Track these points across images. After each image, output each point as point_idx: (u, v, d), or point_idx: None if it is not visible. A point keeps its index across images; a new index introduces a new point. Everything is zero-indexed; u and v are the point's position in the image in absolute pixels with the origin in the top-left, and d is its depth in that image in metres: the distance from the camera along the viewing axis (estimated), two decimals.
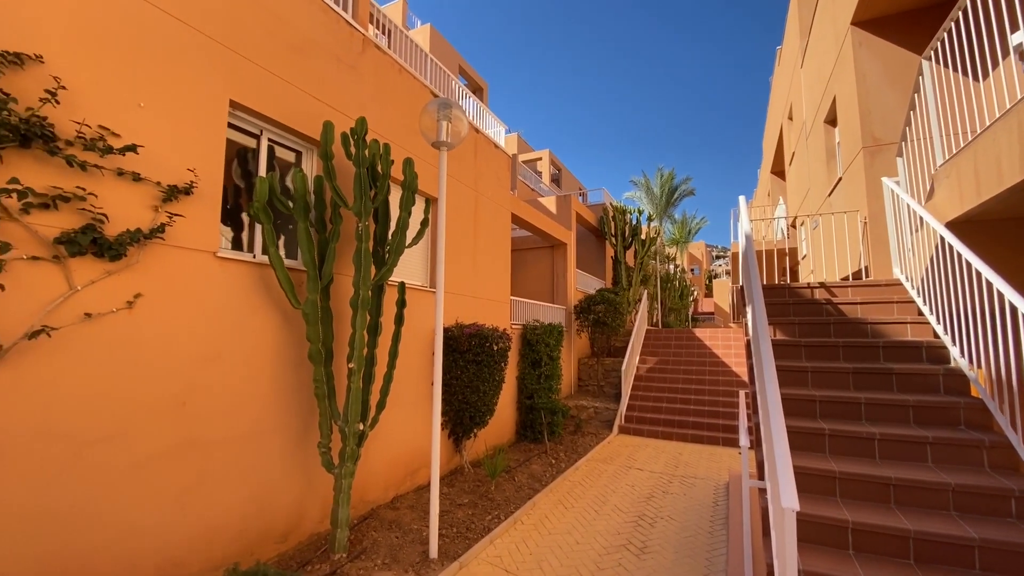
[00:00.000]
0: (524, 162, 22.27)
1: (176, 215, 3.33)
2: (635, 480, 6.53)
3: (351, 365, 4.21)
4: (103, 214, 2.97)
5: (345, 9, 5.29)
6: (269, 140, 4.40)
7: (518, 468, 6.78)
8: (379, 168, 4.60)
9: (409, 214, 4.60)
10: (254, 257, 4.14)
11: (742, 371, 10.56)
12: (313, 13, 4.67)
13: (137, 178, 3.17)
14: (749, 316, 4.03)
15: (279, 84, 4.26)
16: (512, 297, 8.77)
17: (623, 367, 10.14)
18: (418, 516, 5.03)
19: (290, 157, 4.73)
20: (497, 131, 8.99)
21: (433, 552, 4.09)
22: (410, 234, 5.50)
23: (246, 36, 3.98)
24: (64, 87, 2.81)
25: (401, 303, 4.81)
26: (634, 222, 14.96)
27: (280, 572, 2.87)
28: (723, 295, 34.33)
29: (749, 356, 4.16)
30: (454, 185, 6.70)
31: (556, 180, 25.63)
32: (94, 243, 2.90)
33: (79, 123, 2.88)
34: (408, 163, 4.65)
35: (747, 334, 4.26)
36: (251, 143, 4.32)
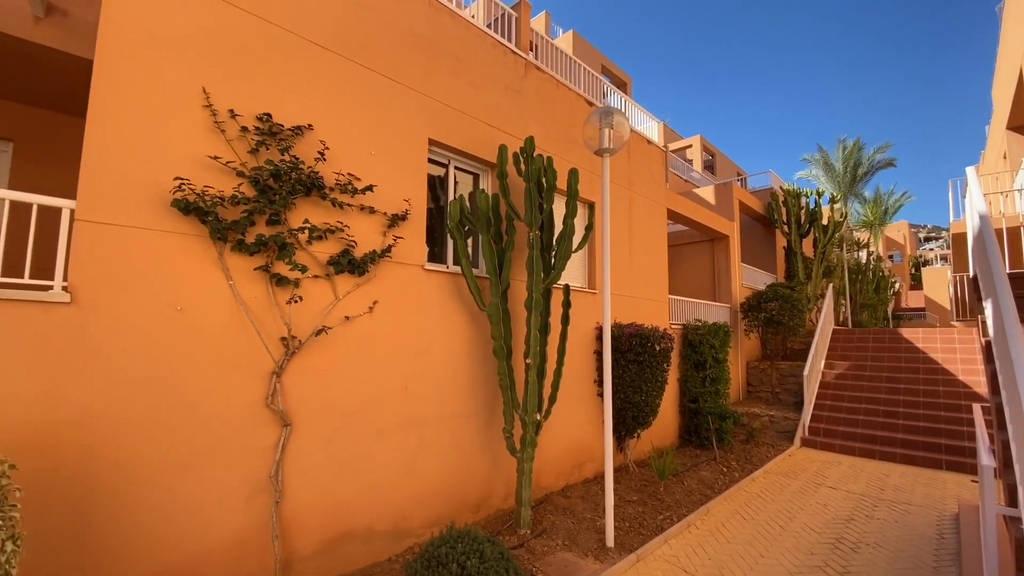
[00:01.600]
0: (673, 151, 21.16)
1: (399, 237, 4.17)
2: (827, 499, 5.81)
3: (528, 361, 4.67)
4: (354, 241, 3.89)
5: (509, 40, 5.86)
6: (455, 167, 5.15)
7: (686, 472, 6.60)
8: (543, 181, 5.01)
9: (574, 221, 4.90)
10: (447, 268, 4.89)
11: (972, 380, 8.49)
12: (487, 50, 5.30)
13: (372, 211, 4.06)
14: (989, 313, 3.33)
15: (463, 118, 4.96)
16: (670, 296, 8.52)
17: (805, 372, 9.00)
18: (589, 507, 5.30)
19: (468, 179, 5.45)
20: (649, 126, 8.83)
21: (610, 541, 4.30)
22: (574, 239, 5.82)
23: (438, 83, 4.74)
24: (327, 147, 3.76)
25: (567, 304, 5.14)
26: (811, 205, 13.10)
27: (487, 536, 3.39)
28: (937, 286, 27.45)
29: (988, 361, 3.44)
30: (609, 187, 6.84)
31: (710, 167, 23.75)
32: (349, 263, 3.81)
33: (338, 173, 3.83)
34: (573, 174, 4.96)
35: (984, 335, 3.52)
36: (440, 171, 5.11)
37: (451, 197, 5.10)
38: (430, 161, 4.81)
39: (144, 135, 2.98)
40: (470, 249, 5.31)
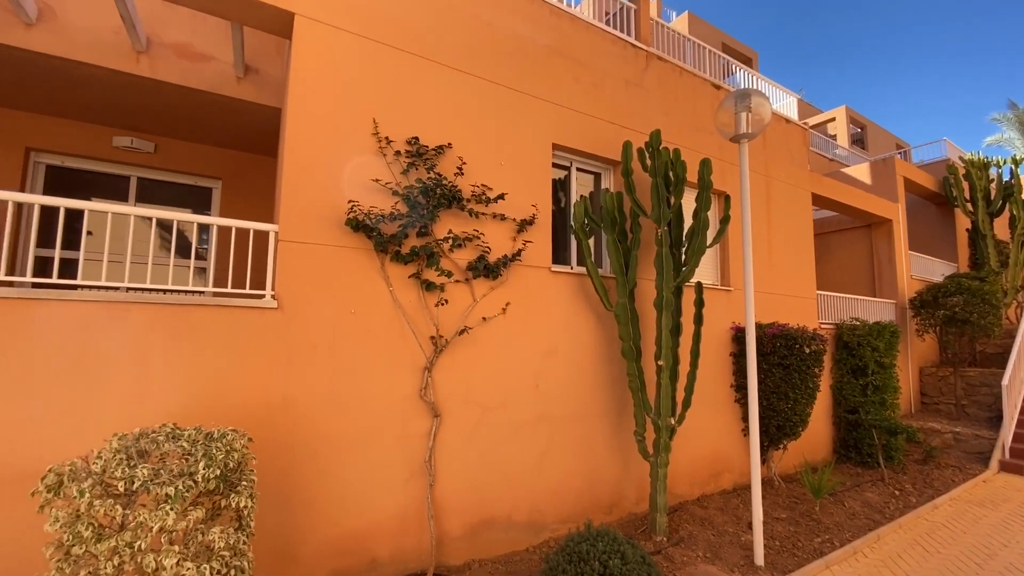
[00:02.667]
0: (811, 127, 18.69)
1: (528, 241, 4.35)
2: None
3: (660, 363, 4.52)
4: (488, 247, 4.15)
5: (628, 33, 5.73)
6: (576, 168, 5.19)
7: (846, 492, 5.81)
8: (671, 174, 4.80)
9: (707, 214, 4.62)
10: (571, 269, 4.95)
11: None
12: (606, 48, 5.26)
13: (503, 218, 4.29)
14: None
15: (584, 119, 4.98)
16: (818, 292, 7.55)
17: (1004, 382, 7.33)
18: (730, 520, 4.95)
19: (588, 179, 5.46)
20: (787, 102, 7.94)
21: (759, 559, 3.97)
22: (707, 234, 5.49)
23: (559, 87, 4.83)
24: (464, 162, 4.06)
25: (699, 303, 4.86)
26: (1006, 176, 10.61)
27: (627, 539, 3.37)
28: None
29: None
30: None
31: (859, 141, 20.50)
32: (485, 268, 4.08)
33: (473, 185, 4.12)
34: (705, 164, 4.69)
35: None
36: (562, 174, 5.19)
37: (573, 198, 5.16)
38: (553, 165, 4.91)
39: (324, 165, 3.53)
40: (594, 249, 5.31)
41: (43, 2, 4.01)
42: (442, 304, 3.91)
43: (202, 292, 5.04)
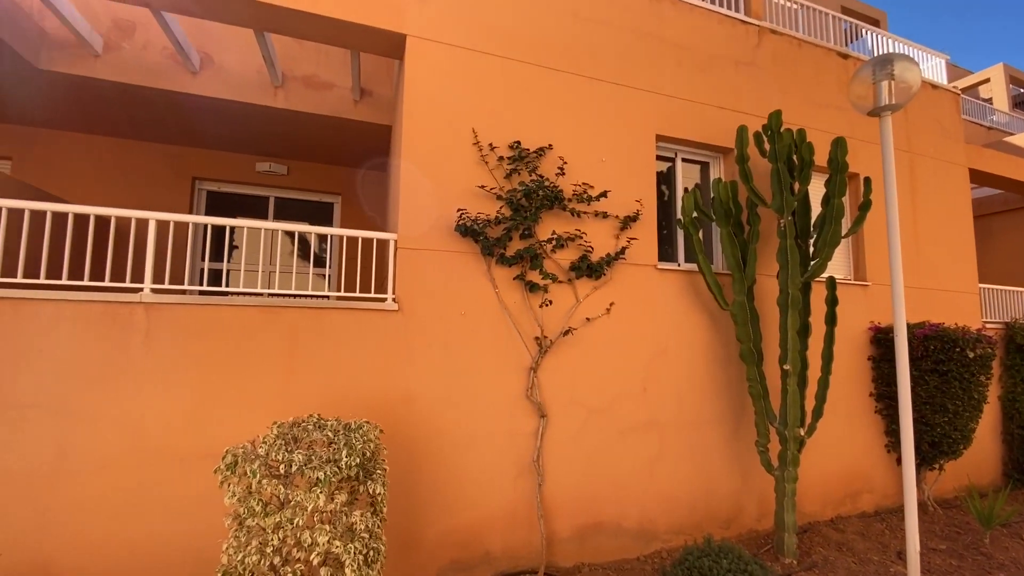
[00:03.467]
0: (960, 91, 15.84)
1: (632, 239, 4.20)
2: None
3: (786, 367, 4.10)
4: (590, 246, 4.08)
5: (738, 10, 5.30)
6: (682, 159, 4.91)
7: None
8: (795, 158, 4.34)
9: (841, 200, 4.10)
10: (679, 266, 4.69)
11: None
12: (712, 28, 4.92)
13: (605, 216, 4.19)
14: None
15: (689, 107, 4.70)
16: (980, 285, 6.35)
17: None
18: (874, 547, 4.34)
19: (693, 170, 5.13)
20: (933, 64, 6.79)
21: None
22: (843, 222, 4.89)
23: (662, 75, 4.61)
24: (565, 162, 4.04)
25: (832, 301, 4.32)
26: None
27: (753, 557, 3.10)
28: None
29: None
30: (880, 152, 5.50)
31: (1022, 103, 16.96)
32: (588, 268, 4.01)
33: (575, 184, 4.08)
34: (839, 144, 4.18)
35: None
36: (666, 165, 4.94)
37: (679, 191, 4.88)
38: (657, 157, 4.69)
39: (435, 176, 3.72)
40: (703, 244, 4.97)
41: (203, 52, 4.74)
42: (546, 305, 3.92)
43: (327, 297, 5.62)
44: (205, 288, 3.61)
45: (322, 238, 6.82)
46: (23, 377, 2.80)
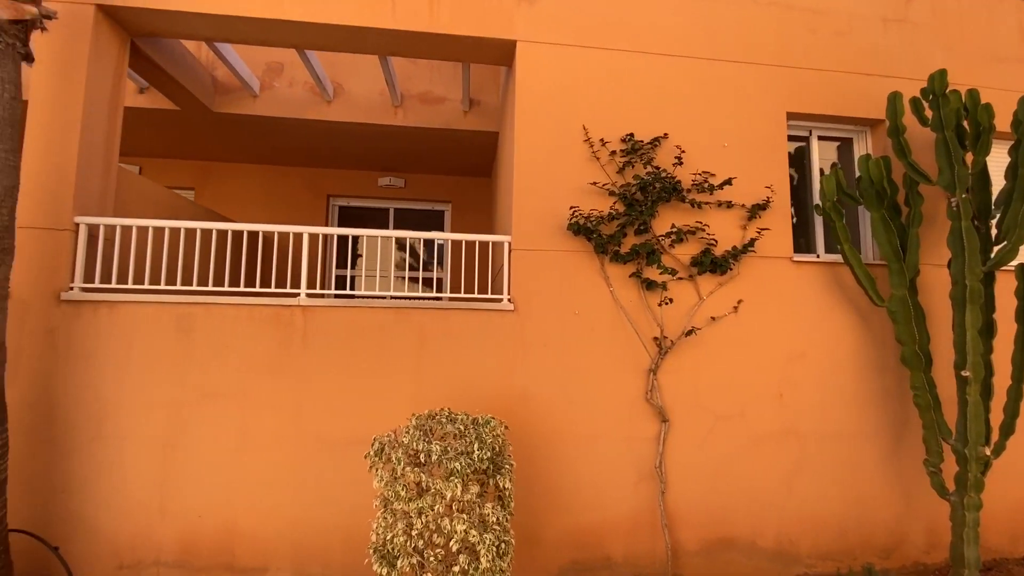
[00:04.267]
0: None
1: (763, 229, 3.83)
2: None
3: (965, 373, 3.43)
4: (714, 239, 3.80)
5: None
6: (817, 136, 4.38)
7: None
8: (967, 124, 3.63)
9: None
10: (817, 257, 4.18)
11: None
12: None
13: (729, 205, 3.88)
14: None
15: (826, 77, 4.17)
16: None
17: None
18: None
19: (830, 148, 4.54)
20: None
21: None
22: None
23: (792, 47, 4.16)
24: (683, 151, 3.82)
25: None
26: None
27: None
28: None
29: None
30: None
31: None
32: (711, 263, 3.75)
33: (694, 174, 3.84)
34: None
35: None
36: (797, 145, 4.44)
37: (814, 173, 4.36)
38: (788, 137, 4.23)
39: (547, 176, 3.75)
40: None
41: (336, 82, 5.31)
42: (665, 303, 3.74)
43: (439, 298, 5.96)
44: (340, 292, 4.02)
45: (431, 243, 7.26)
46: (215, 369, 3.36)
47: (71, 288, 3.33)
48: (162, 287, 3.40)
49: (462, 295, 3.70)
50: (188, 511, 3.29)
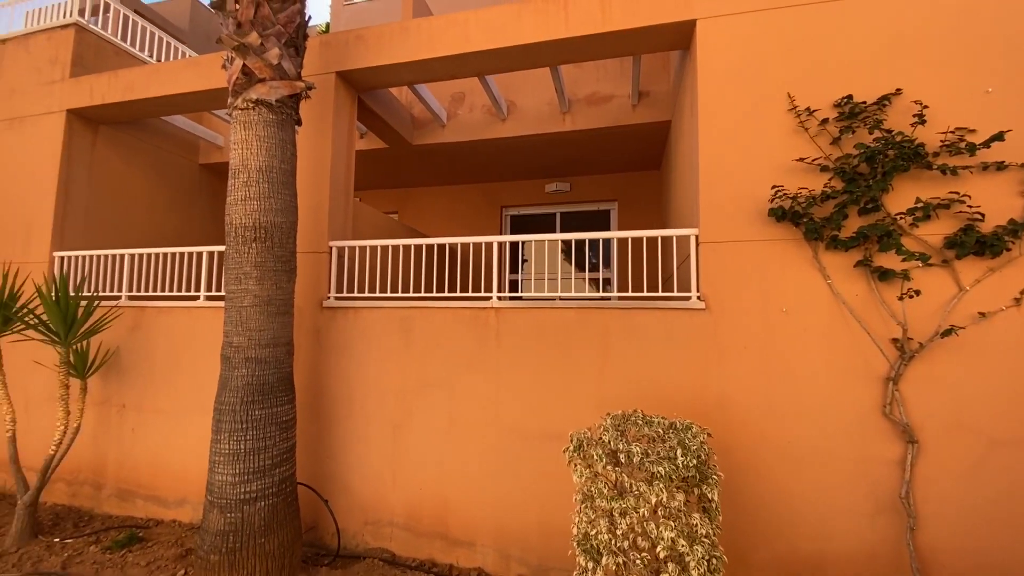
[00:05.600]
0: None
1: None
2: None
3: None
4: (978, 212, 2.95)
5: None
6: None
7: None
8: None
9: None
10: None
11: None
12: None
13: (1000, 167, 2.97)
14: None
15: None
16: None
17: None
18: None
19: None
20: None
21: None
22: None
23: None
24: (925, 106, 3.06)
25: None
26: None
27: None
28: None
29: None
30: None
31: None
32: (977, 242, 2.91)
33: (943, 133, 3.04)
34: None
35: None
36: None
37: None
38: None
39: (737, 159, 3.40)
40: None
41: (509, 100, 5.71)
42: (908, 296, 3.03)
43: (609, 298, 5.89)
44: (517, 294, 4.27)
45: (596, 242, 7.24)
46: (430, 363, 3.90)
47: (329, 297, 4.25)
48: (388, 295, 4.10)
49: (645, 294, 3.59)
50: (412, 482, 3.88)
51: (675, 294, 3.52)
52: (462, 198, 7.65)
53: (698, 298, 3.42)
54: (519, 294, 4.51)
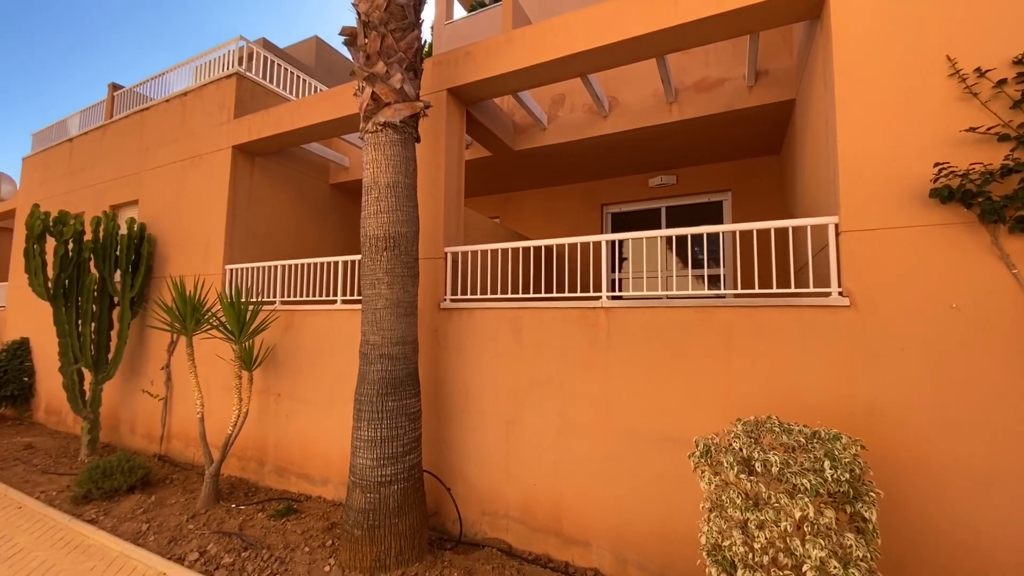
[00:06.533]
0: None
1: None
2: None
3: None
4: None
5: None
6: None
7: None
8: None
9: None
10: None
11: None
12: None
13: None
14: None
15: None
16: None
17: None
18: None
19: None
20: None
21: None
22: None
23: None
24: None
25: None
26: None
27: None
28: None
29: None
30: None
31: None
32: None
33: None
34: None
35: None
36: None
37: None
38: None
39: (885, 136, 2.99)
40: None
41: (610, 96, 5.62)
42: None
43: (723, 295, 5.50)
44: (616, 293, 4.17)
45: (701, 237, 6.79)
46: (540, 362, 3.99)
47: (445, 299, 4.55)
48: (499, 296, 4.27)
49: (774, 291, 3.31)
50: (525, 478, 4.00)
51: (810, 290, 3.20)
52: (561, 199, 7.69)
53: (840, 294, 3.07)
54: (619, 293, 4.40)
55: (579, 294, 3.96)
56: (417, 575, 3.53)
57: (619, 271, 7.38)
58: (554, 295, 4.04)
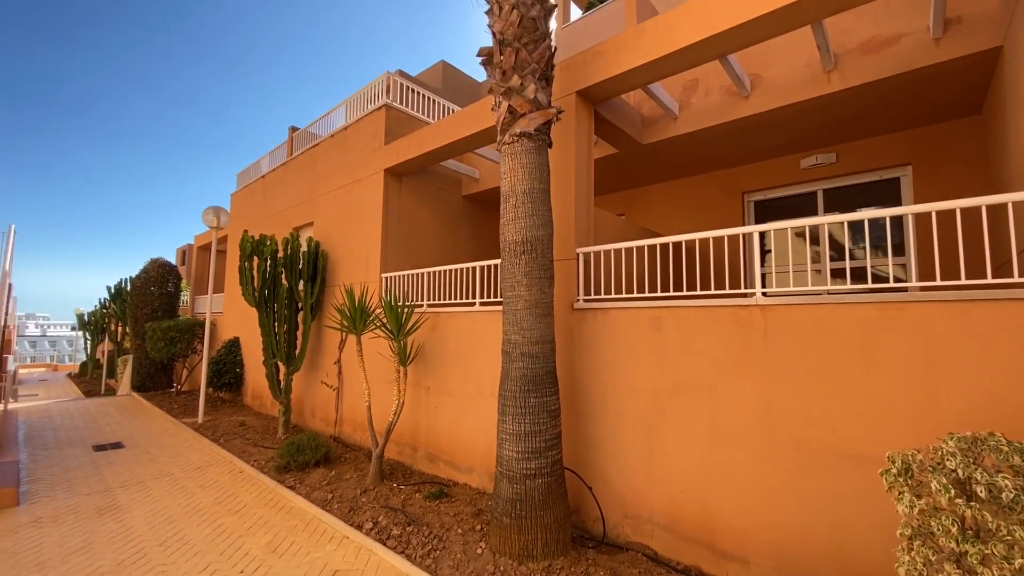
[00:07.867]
0: None
1: None
2: None
3: None
4: None
5: None
6: None
7: None
8: None
9: None
10: None
11: None
12: None
13: None
14: None
15: None
16: None
17: None
18: None
19: None
20: None
21: None
22: None
23: None
24: None
25: None
26: None
27: None
28: None
29: None
30: None
31: None
32: None
33: None
34: None
35: None
36: None
37: None
38: None
39: None
40: None
41: (752, 74, 5.14)
42: None
43: (905, 289, 4.63)
44: (767, 289, 3.75)
45: (866, 223, 5.79)
46: (683, 364, 3.81)
47: (578, 299, 4.61)
48: (635, 295, 4.19)
49: (989, 281, 2.71)
50: (670, 484, 3.84)
51: (1015, 280, 2.56)
52: (694, 190, 7.23)
53: None
54: (766, 288, 3.98)
55: (728, 291, 3.69)
56: (563, 568, 3.62)
57: (762, 265, 6.69)
58: (698, 292, 3.83)
